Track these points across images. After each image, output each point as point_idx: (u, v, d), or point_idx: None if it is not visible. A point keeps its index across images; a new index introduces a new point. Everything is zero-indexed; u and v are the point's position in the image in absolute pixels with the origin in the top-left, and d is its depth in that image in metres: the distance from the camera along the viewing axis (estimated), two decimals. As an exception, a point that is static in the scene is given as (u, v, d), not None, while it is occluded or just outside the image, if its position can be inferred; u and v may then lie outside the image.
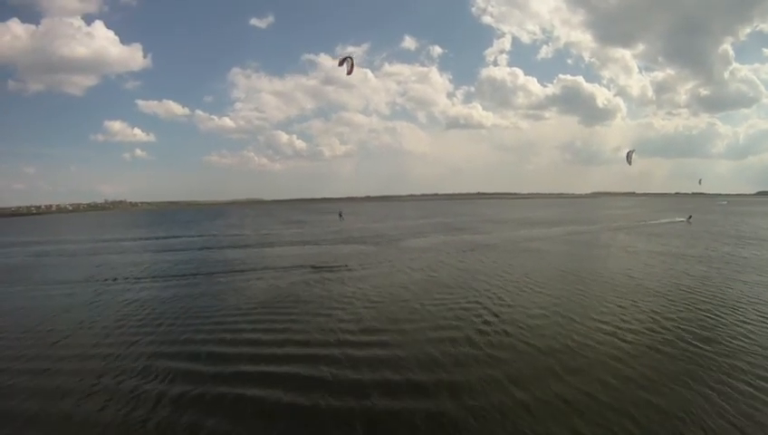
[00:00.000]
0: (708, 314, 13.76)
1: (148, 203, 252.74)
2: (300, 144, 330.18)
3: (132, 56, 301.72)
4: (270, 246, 34.41)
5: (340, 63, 29.37)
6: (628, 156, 43.70)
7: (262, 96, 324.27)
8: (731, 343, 11.25)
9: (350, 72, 29.88)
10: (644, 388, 8.78)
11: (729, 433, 7.19)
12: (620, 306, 14.71)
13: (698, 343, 11.15)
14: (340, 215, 65.31)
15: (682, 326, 12.55)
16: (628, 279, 19.33)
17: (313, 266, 22.48)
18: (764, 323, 12.91)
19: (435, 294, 16.26)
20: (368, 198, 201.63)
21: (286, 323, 12.94)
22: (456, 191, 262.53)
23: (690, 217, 60.08)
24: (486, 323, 12.85)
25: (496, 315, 13.59)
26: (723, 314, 13.73)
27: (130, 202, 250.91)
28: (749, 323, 12.77)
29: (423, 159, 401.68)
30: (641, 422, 7.52)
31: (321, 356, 10.29)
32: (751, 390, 8.52)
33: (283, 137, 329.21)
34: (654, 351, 10.75)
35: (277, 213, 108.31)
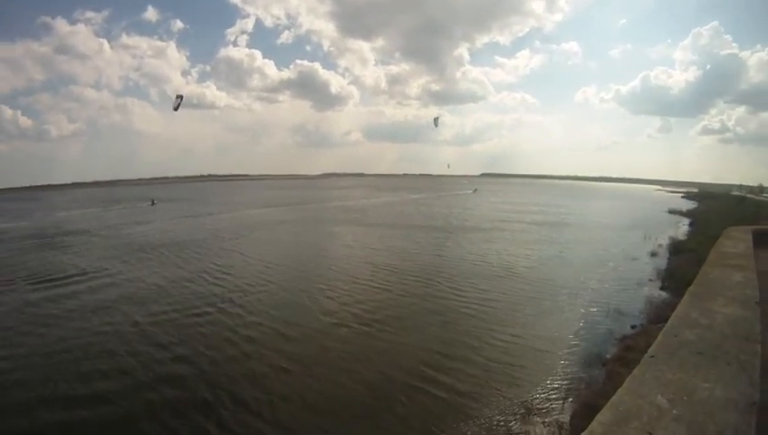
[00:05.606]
0: (406, 291, 14.56)
1: None
2: (25, 121, 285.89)
3: None
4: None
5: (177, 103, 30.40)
6: (435, 121, 52.04)
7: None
8: (416, 318, 11.99)
9: (176, 109, 31.06)
10: (312, 374, 8.99)
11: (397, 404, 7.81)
12: (310, 293, 14.88)
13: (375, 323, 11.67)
14: (153, 202, 62.01)
15: (366, 308, 12.97)
16: (325, 261, 19.98)
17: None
18: (457, 296, 13.81)
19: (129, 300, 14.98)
20: (96, 183, 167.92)
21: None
22: (188, 174, 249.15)
23: (476, 189, 79.59)
24: (150, 323, 12.45)
25: (157, 314, 13.22)
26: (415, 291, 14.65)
27: None
28: (440, 297, 13.71)
29: (154, 140, 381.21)
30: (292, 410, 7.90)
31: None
32: (431, 371, 9.24)
33: (8, 112, 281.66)
34: (322, 334, 11.06)
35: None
